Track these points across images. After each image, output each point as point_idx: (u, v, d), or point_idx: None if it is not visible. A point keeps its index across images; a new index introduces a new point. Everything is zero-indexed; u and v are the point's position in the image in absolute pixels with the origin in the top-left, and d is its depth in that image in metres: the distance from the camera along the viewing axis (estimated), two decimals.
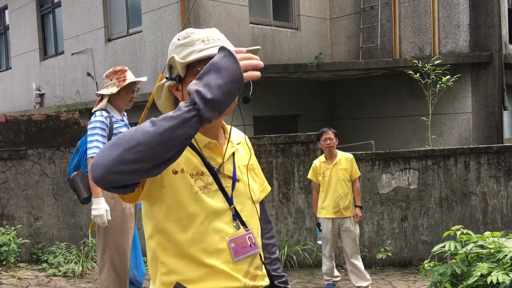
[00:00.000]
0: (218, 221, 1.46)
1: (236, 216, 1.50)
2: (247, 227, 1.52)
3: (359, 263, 4.91)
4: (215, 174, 1.49)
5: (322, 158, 4.98)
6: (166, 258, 1.45)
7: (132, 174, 1.19)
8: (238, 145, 1.62)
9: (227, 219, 1.48)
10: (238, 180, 1.54)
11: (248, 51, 1.45)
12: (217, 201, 1.47)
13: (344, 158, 4.92)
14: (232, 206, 1.50)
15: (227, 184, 1.51)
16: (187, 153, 1.47)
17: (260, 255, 1.56)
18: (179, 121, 1.17)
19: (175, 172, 1.43)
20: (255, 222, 1.57)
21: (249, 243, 1.50)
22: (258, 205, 1.61)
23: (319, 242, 5.10)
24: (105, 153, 1.19)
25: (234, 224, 1.49)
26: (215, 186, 1.48)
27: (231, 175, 1.53)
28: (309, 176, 5.07)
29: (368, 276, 4.92)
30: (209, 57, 1.41)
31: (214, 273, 1.44)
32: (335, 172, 4.85)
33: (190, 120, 1.17)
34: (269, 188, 1.77)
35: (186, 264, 1.44)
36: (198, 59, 1.43)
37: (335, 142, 4.87)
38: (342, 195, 4.85)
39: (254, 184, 1.62)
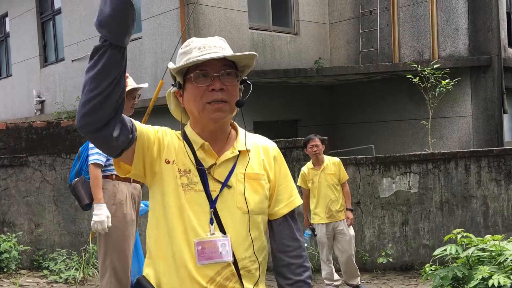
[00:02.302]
0: (194, 220, 1.47)
1: (214, 221, 1.48)
2: (225, 234, 1.48)
3: (354, 263, 5.05)
4: (204, 175, 1.50)
5: (310, 164, 5.04)
6: (151, 244, 1.53)
7: (93, 112, 1.32)
8: (248, 152, 1.57)
9: (203, 221, 1.48)
10: (230, 187, 1.51)
11: (244, 55, 1.49)
12: (197, 202, 1.48)
13: (332, 162, 4.98)
14: (212, 210, 1.48)
15: (214, 187, 1.50)
16: (183, 148, 1.52)
17: (237, 267, 1.49)
18: (95, 51, 1.31)
19: (168, 162, 1.50)
20: (240, 232, 1.50)
21: (220, 250, 1.46)
22: (256, 216, 1.53)
23: (306, 244, 5.19)
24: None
25: (211, 227, 1.47)
26: (200, 187, 1.49)
27: (222, 180, 1.51)
28: (298, 183, 5.11)
29: (359, 272, 5.11)
30: (201, 63, 1.46)
31: (178, 270, 1.46)
32: (323, 178, 4.92)
33: (101, 46, 1.29)
34: (296, 203, 1.63)
35: (159, 255, 1.49)
36: (186, 65, 1.48)
37: (322, 148, 4.93)
38: (333, 200, 4.93)
39: (252, 195, 1.53)
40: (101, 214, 3.45)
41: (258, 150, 1.61)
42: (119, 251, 3.58)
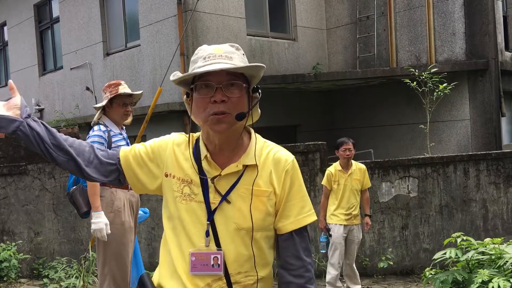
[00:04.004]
0: (191, 230, 1.50)
1: (211, 233, 1.49)
2: (220, 247, 1.48)
3: (355, 268, 5.14)
4: (206, 186, 1.51)
5: (337, 166, 5.06)
6: (160, 249, 1.61)
7: (61, 167, 1.69)
8: (257, 166, 1.52)
9: (200, 232, 1.49)
10: (229, 201, 1.50)
11: (245, 67, 1.47)
12: (196, 212, 1.50)
13: (358, 168, 5.06)
14: (208, 222, 1.49)
15: (214, 200, 1.50)
16: (189, 158, 1.54)
17: (229, 281, 1.49)
18: None
19: (166, 175, 1.56)
20: (236, 247, 1.49)
21: (212, 263, 1.47)
22: (255, 233, 1.50)
23: (323, 251, 5.16)
24: None
25: (206, 240, 1.48)
26: (201, 198, 1.50)
27: (223, 192, 1.50)
28: (323, 182, 5.12)
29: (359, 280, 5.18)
30: (205, 73, 1.45)
31: (175, 275, 1.51)
32: (349, 182, 4.99)
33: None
34: (305, 222, 1.55)
35: (162, 260, 1.57)
36: (183, 78, 1.48)
37: (353, 152, 5.01)
38: (355, 205, 5.01)
39: (252, 211, 1.49)
40: (99, 222, 3.45)
41: (269, 163, 1.54)
42: (118, 259, 3.57)
